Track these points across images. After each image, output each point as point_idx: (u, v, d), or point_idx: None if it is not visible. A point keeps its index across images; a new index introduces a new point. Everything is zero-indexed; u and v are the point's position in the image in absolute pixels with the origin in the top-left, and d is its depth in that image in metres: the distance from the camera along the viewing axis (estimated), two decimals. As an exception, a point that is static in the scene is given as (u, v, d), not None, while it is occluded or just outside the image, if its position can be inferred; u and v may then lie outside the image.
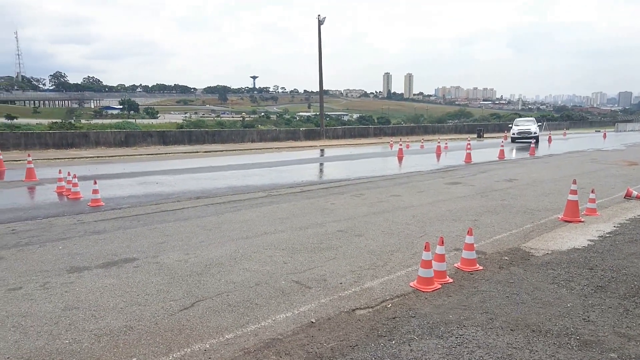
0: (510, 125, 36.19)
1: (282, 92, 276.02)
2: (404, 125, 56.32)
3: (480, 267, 6.34)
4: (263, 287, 5.59)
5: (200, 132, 33.21)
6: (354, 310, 4.99)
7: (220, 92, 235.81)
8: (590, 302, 5.20)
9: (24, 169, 14.80)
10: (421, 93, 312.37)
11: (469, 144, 22.82)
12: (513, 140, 33.42)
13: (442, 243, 5.77)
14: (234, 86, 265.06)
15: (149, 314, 4.85)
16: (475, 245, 6.47)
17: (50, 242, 7.54)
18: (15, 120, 64.53)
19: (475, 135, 44.11)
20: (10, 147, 23.28)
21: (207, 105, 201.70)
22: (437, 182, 14.64)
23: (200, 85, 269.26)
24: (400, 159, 22.36)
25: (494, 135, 46.43)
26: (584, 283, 5.78)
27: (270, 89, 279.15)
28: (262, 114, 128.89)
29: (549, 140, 36.57)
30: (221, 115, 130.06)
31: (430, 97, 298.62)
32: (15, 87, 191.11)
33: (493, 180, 14.93)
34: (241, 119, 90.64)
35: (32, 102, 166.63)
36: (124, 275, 5.97)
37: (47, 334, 4.39)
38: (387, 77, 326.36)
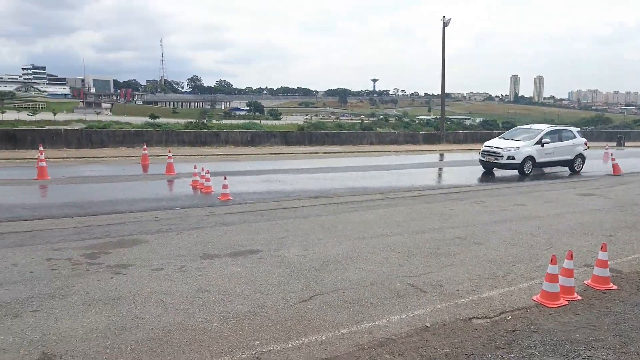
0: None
1: (402, 95, 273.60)
2: (531, 130, 52.99)
3: (615, 287, 5.83)
4: (378, 287, 5.67)
5: (320, 134, 34.20)
6: (470, 318, 4.88)
7: (341, 95, 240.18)
8: None
9: (164, 163, 16.40)
10: (552, 97, 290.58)
11: (609, 152, 20.84)
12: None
13: (570, 257, 5.41)
14: (354, 89, 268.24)
15: (270, 302, 5.17)
16: (609, 263, 5.96)
17: (186, 230, 8.32)
18: (157, 119, 71.70)
19: (614, 143, 40.12)
20: (153, 144, 25.79)
21: (327, 108, 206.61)
22: (567, 192, 13.62)
23: (321, 88, 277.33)
24: (525, 167, 21.08)
25: (638, 144, 41.81)
26: None
27: (390, 92, 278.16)
28: (381, 116, 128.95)
29: None
30: (340, 118, 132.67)
31: (563, 101, 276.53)
32: (159, 90, 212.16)
33: (634, 193, 13.52)
34: (360, 121, 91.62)
35: (172, 103, 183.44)
36: (249, 265, 6.41)
37: (183, 312, 4.89)
38: (515, 80, 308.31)
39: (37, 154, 15.20)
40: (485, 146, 18.77)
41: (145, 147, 19.71)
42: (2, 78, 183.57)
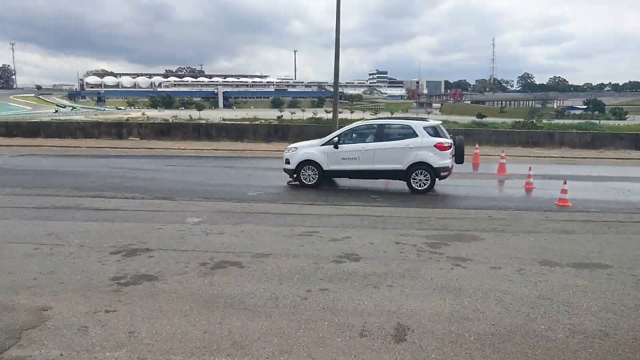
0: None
1: None
2: None
3: None
4: None
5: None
6: None
7: None
8: None
9: (493, 162, 16.36)
10: None
11: None
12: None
13: None
14: None
15: (626, 325, 4.61)
16: None
17: (522, 232, 8.13)
18: (484, 119, 71.76)
19: None
20: (482, 143, 25.71)
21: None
22: None
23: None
24: None
25: None
26: None
27: None
28: None
29: None
30: None
31: None
32: (487, 89, 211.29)
33: None
34: None
35: (500, 102, 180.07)
36: (596, 280, 5.84)
37: (524, 315, 4.82)
38: None
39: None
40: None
41: (477, 146, 20.08)
42: (352, 83, 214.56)
